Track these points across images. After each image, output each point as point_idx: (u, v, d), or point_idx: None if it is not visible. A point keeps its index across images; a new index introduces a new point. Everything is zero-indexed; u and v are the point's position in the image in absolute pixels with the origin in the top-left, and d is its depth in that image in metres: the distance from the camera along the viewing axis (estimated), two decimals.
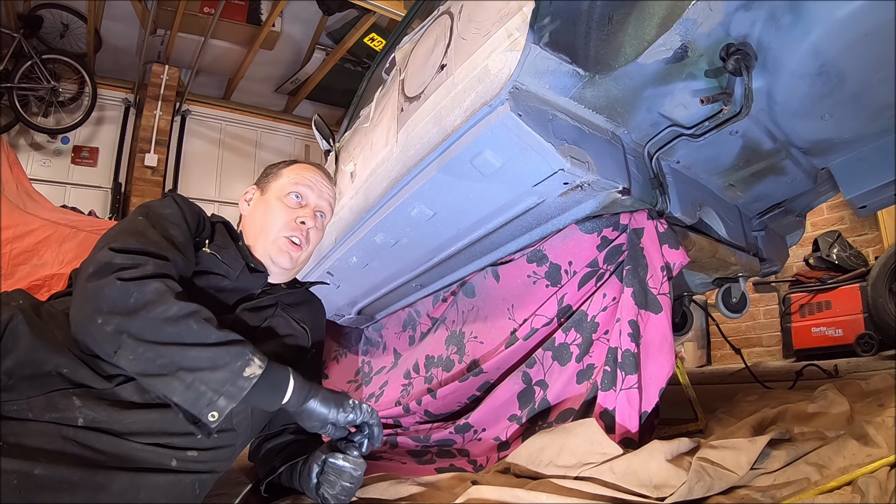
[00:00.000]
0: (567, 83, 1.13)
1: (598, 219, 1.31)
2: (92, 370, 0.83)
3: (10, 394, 0.78)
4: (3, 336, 0.79)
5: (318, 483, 1.02)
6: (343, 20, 4.71)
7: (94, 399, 0.81)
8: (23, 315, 0.82)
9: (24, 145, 4.75)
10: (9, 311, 0.82)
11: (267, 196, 1.17)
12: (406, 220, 1.50)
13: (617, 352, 1.16)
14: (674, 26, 0.96)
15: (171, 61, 5.00)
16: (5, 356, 0.79)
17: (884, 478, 0.77)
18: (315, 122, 2.25)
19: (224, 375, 0.79)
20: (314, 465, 1.04)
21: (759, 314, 3.92)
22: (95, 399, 0.82)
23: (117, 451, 0.81)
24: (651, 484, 0.88)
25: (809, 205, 1.83)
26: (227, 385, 0.78)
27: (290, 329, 1.13)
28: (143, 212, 0.98)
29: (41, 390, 0.79)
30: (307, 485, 1.04)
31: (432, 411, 1.55)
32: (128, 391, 0.84)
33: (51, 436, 0.78)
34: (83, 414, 0.80)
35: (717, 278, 1.78)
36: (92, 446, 0.79)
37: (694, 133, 1.24)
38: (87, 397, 0.81)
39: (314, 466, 1.04)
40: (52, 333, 0.84)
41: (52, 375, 0.80)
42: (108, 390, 0.83)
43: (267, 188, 1.19)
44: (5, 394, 0.77)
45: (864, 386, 1.34)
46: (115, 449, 0.81)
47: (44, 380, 0.80)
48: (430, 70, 1.31)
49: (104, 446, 0.80)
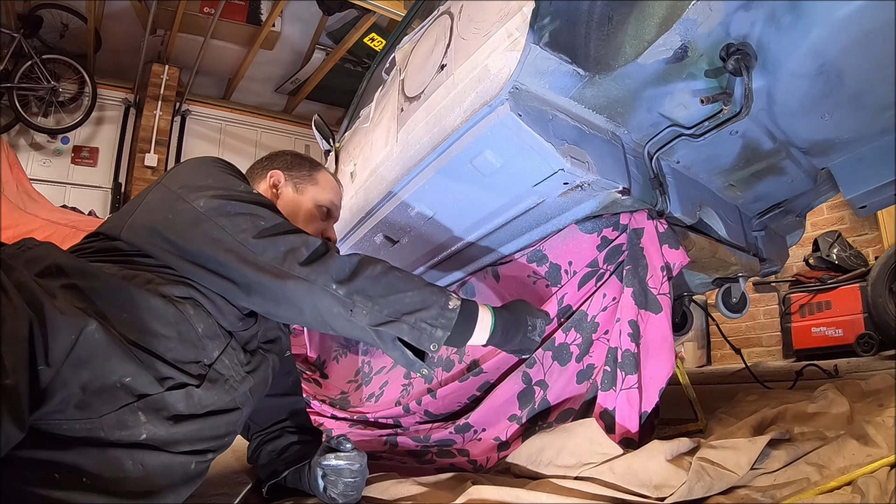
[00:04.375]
0: (567, 83, 1.13)
1: (598, 219, 1.31)
2: (150, 375, 0.79)
3: (83, 411, 0.73)
4: (77, 345, 0.71)
5: (325, 486, 1.04)
6: (343, 20, 4.71)
7: (153, 412, 0.79)
8: (97, 323, 0.74)
9: (24, 145, 4.75)
10: (78, 317, 0.73)
11: (302, 198, 1.17)
12: (406, 220, 1.50)
13: (617, 352, 1.16)
14: (674, 26, 0.96)
15: (171, 61, 5.01)
16: (80, 367, 0.72)
17: (884, 478, 0.77)
18: (315, 122, 2.24)
19: (435, 311, 0.91)
20: (317, 469, 1.05)
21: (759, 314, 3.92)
22: (154, 412, 0.79)
23: (162, 467, 0.81)
24: (651, 484, 0.88)
25: (809, 205, 1.83)
26: (439, 318, 0.91)
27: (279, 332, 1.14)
28: (258, 199, 0.97)
29: (112, 406, 0.75)
30: (317, 490, 1.06)
31: (432, 411, 1.55)
32: (176, 398, 0.82)
33: (121, 461, 0.76)
34: (147, 430, 0.78)
35: (717, 278, 1.78)
36: (146, 465, 0.79)
37: (694, 133, 1.24)
38: (149, 411, 0.79)
39: (318, 470, 1.05)
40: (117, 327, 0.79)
41: (118, 388, 0.76)
42: (158, 395, 0.80)
43: (303, 189, 1.18)
44: (77, 411, 0.72)
45: (864, 386, 1.33)
46: (162, 466, 0.81)
47: (112, 393, 0.76)
48: (430, 70, 1.31)
49: (154, 464, 0.80)
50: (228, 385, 0.91)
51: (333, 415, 1.88)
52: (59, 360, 0.69)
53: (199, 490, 0.93)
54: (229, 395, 0.91)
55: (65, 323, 0.70)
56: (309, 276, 0.87)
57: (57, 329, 0.69)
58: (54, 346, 0.68)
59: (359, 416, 1.77)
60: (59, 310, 0.70)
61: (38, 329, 0.66)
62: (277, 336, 1.11)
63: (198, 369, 0.86)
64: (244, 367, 0.96)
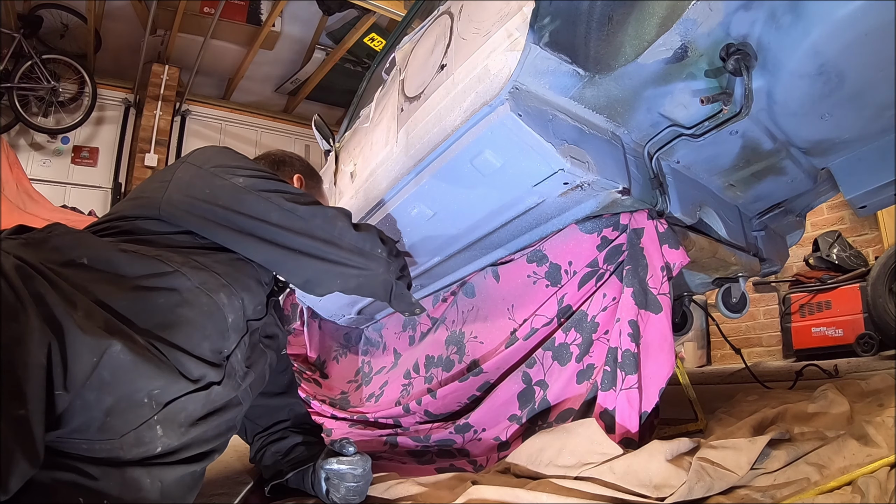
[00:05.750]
0: (567, 83, 1.12)
1: (598, 219, 1.31)
2: (181, 379, 0.77)
3: (104, 433, 0.71)
4: (99, 366, 0.68)
5: (328, 490, 1.05)
6: (343, 20, 4.70)
7: (169, 422, 0.78)
8: (121, 344, 0.70)
9: (24, 145, 4.75)
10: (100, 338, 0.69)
11: None
12: (406, 220, 1.50)
13: (617, 352, 1.16)
14: (674, 26, 0.96)
15: (171, 61, 5.00)
16: (103, 390, 0.69)
17: (884, 478, 0.77)
18: (315, 122, 2.24)
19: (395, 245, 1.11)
20: (321, 473, 1.06)
21: (759, 314, 3.92)
22: (170, 421, 0.78)
23: (176, 480, 0.81)
24: (651, 484, 0.88)
25: (809, 205, 1.83)
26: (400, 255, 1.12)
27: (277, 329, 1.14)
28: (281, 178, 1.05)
29: (132, 425, 0.73)
30: (320, 492, 1.07)
31: (432, 411, 1.55)
32: (197, 400, 0.81)
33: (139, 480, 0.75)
34: (162, 443, 0.77)
35: (717, 278, 1.78)
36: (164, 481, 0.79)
37: (694, 133, 1.24)
38: (166, 422, 0.77)
39: (321, 473, 1.06)
40: None
41: (142, 405, 0.74)
42: (181, 399, 0.78)
43: (318, 197, 1.29)
44: (99, 433, 0.71)
45: (864, 386, 1.33)
46: (176, 479, 0.81)
47: (136, 412, 0.73)
48: (430, 70, 1.31)
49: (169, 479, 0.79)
50: (234, 381, 0.91)
51: (333, 415, 1.89)
52: (79, 384, 0.67)
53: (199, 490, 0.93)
54: (235, 391, 0.91)
55: (86, 345, 0.68)
56: (358, 242, 0.99)
57: (77, 352, 0.67)
58: (74, 370, 0.66)
59: (359, 416, 1.77)
60: (80, 326, 0.67)
61: (59, 354, 0.65)
62: (276, 333, 1.11)
63: (220, 360, 0.85)
64: (244, 362, 0.96)
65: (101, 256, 0.77)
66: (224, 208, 0.89)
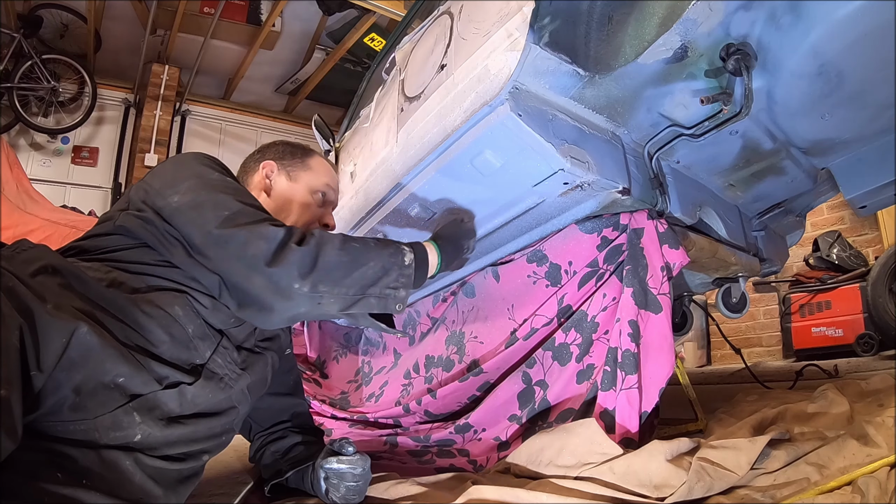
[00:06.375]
0: (567, 83, 1.12)
1: (598, 219, 1.31)
2: (145, 374, 0.79)
3: (77, 413, 0.73)
4: (68, 347, 0.71)
5: (327, 489, 1.05)
6: (343, 20, 4.70)
7: (147, 412, 0.79)
8: (88, 326, 0.74)
9: (24, 145, 4.75)
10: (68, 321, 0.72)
11: (296, 185, 1.15)
12: (406, 220, 1.50)
13: (617, 352, 1.16)
14: (674, 26, 0.96)
15: (171, 61, 5.00)
16: (73, 370, 0.72)
17: (884, 478, 0.77)
18: (315, 122, 2.24)
19: (395, 273, 0.94)
20: (320, 472, 1.06)
21: (759, 314, 3.92)
22: (147, 411, 0.80)
23: (157, 470, 0.81)
24: (651, 484, 0.88)
25: (809, 205, 1.83)
26: (400, 279, 0.94)
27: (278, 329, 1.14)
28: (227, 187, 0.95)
29: (107, 408, 0.75)
30: (319, 492, 1.07)
31: (432, 411, 1.55)
32: (169, 397, 0.82)
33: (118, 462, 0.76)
34: (142, 431, 0.78)
35: (717, 278, 1.78)
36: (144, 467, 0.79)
37: (694, 133, 1.24)
38: (143, 411, 0.79)
39: (320, 472, 1.06)
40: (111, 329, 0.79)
41: (112, 388, 0.76)
42: (151, 395, 0.80)
43: (296, 176, 1.15)
44: (71, 413, 0.73)
45: (864, 386, 1.33)
46: (157, 469, 0.81)
47: (106, 395, 0.76)
48: (430, 70, 1.31)
49: (150, 466, 0.80)
50: (223, 383, 0.91)
51: (333, 415, 1.89)
52: (51, 364, 0.70)
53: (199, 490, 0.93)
54: (224, 394, 0.91)
55: (55, 326, 0.70)
56: (272, 278, 0.84)
57: (47, 334, 0.69)
58: (45, 351, 0.69)
59: (359, 416, 1.78)
60: (49, 313, 0.70)
61: (29, 336, 0.67)
62: (276, 334, 1.11)
63: (191, 367, 0.87)
64: (238, 364, 0.96)
65: (66, 266, 0.80)
66: (167, 225, 0.88)
